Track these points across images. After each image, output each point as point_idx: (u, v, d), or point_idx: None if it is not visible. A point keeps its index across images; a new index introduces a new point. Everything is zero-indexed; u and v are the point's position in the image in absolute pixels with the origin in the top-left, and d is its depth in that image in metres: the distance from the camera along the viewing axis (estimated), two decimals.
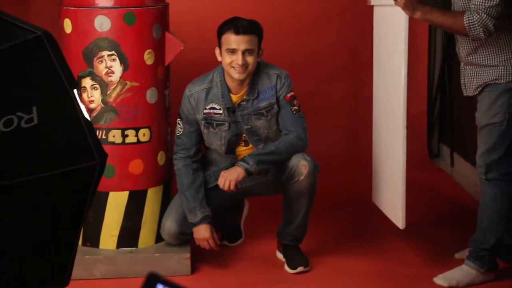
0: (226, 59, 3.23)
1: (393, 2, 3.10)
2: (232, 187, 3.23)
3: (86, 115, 1.71)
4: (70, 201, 1.69)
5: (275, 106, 3.32)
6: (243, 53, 3.20)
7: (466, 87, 3.20)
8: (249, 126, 3.34)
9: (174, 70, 3.66)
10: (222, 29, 3.26)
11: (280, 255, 3.52)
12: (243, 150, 3.42)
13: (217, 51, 3.29)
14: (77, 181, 1.68)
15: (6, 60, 1.57)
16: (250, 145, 3.39)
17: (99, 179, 1.72)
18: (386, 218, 3.56)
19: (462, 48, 3.16)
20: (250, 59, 3.22)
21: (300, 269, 3.39)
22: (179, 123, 3.39)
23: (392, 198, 3.46)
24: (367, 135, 3.88)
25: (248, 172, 3.24)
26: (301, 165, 3.25)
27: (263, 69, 3.34)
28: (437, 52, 5.14)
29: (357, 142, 4.88)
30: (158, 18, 3.36)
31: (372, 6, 3.68)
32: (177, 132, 3.40)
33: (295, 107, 3.34)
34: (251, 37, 3.22)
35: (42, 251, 1.69)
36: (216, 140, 3.36)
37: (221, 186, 3.25)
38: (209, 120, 3.33)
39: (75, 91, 1.69)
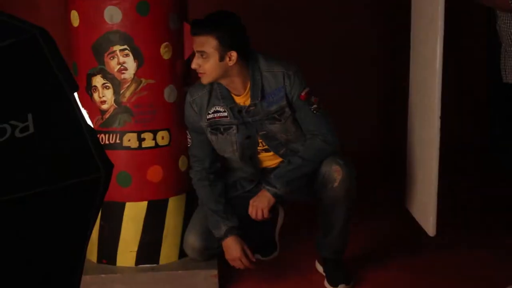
0: None
1: None
2: (265, 215, 3.29)
3: (89, 122, 1.72)
4: (73, 217, 1.70)
5: (287, 109, 3.30)
6: (197, 55, 3.19)
7: (507, 72, 3.16)
8: (265, 132, 3.34)
9: None
10: None
11: (320, 268, 3.53)
12: (266, 156, 3.42)
13: None
14: (80, 195, 1.69)
15: None
16: (272, 152, 3.40)
17: (104, 192, 1.73)
18: (418, 225, 3.59)
19: (504, 25, 3.11)
20: (203, 62, 3.18)
21: (341, 287, 3.40)
22: (187, 133, 3.41)
23: (424, 202, 3.46)
24: (402, 130, 3.88)
25: (277, 197, 3.27)
26: (333, 170, 3.24)
27: (266, 67, 3.29)
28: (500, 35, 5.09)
29: (392, 139, 4.89)
30: (175, 7, 3.38)
31: None
32: (188, 144, 3.42)
33: (314, 105, 3.31)
34: (204, 39, 3.16)
35: (43, 273, 1.71)
36: (227, 147, 3.36)
37: (253, 217, 3.30)
38: (214, 126, 3.33)
39: (75, 95, 1.71)
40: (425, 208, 3.43)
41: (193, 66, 3.21)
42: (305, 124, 3.33)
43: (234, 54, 3.19)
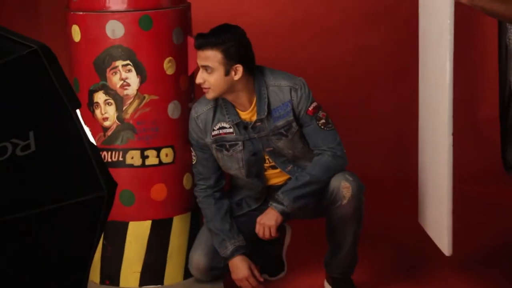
0: None
1: None
2: (273, 234, 3.25)
3: (92, 139, 1.70)
4: (75, 238, 1.69)
5: (294, 124, 3.28)
6: (202, 70, 3.18)
7: None
8: (271, 148, 3.32)
9: None
10: None
11: (328, 287, 3.49)
12: (272, 173, 3.39)
13: None
14: (83, 215, 1.68)
15: None
16: (279, 169, 3.37)
17: (108, 212, 1.72)
18: (433, 243, 3.54)
19: None
20: (209, 77, 3.17)
21: None
22: (192, 151, 3.38)
23: (438, 220, 3.42)
24: (413, 146, 3.86)
25: (285, 214, 3.24)
26: (342, 187, 3.22)
27: (272, 81, 3.27)
28: (510, 49, 5.08)
29: (403, 155, 4.87)
30: (178, 21, 3.36)
31: None
32: (192, 161, 3.40)
33: (322, 120, 3.29)
34: (209, 53, 3.15)
35: None
36: (233, 164, 3.34)
37: (260, 235, 3.26)
38: (220, 143, 3.31)
39: (78, 112, 1.69)
40: (439, 227, 3.39)
41: (198, 81, 3.19)
42: (312, 140, 3.30)
43: (240, 68, 3.17)
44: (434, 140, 3.49)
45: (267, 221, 3.24)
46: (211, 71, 3.16)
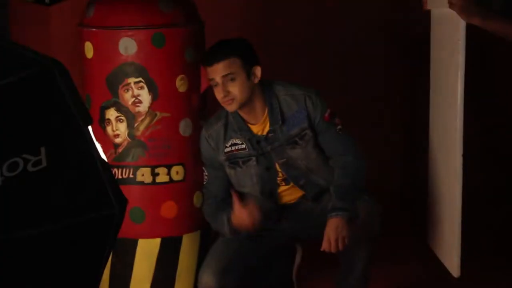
0: (215, 93, 3.23)
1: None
2: (347, 243, 3.14)
3: (103, 156, 1.71)
4: (85, 255, 1.68)
5: (308, 131, 3.28)
6: (224, 81, 3.18)
7: None
8: (285, 159, 3.31)
9: (212, 98, 3.66)
10: (201, 62, 3.28)
11: None
12: (285, 190, 3.39)
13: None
14: (93, 232, 1.67)
15: (9, 95, 1.58)
16: (291, 183, 3.36)
17: (118, 229, 1.72)
18: (441, 264, 3.52)
19: None
20: (233, 86, 3.17)
21: None
22: (204, 170, 3.37)
23: (447, 241, 3.41)
24: (423, 167, 3.86)
25: (352, 219, 3.15)
26: (358, 207, 3.20)
27: (283, 91, 3.30)
28: None
29: (411, 175, 4.88)
30: (191, 39, 3.39)
31: (429, 11, 3.66)
32: (204, 180, 3.39)
33: (339, 126, 3.30)
34: (228, 61, 3.17)
35: None
36: (247, 180, 3.34)
37: (333, 250, 3.15)
38: (233, 160, 3.31)
39: (89, 128, 1.70)
40: (448, 248, 3.39)
41: (221, 94, 3.18)
42: (331, 146, 3.31)
43: (258, 69, 3.23)
44: (444, 161, 3.49)
45: (341, 233, 3.13)
46: (234, 78, 3.18)
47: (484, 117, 5.10)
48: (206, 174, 3.38)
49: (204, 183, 3.40)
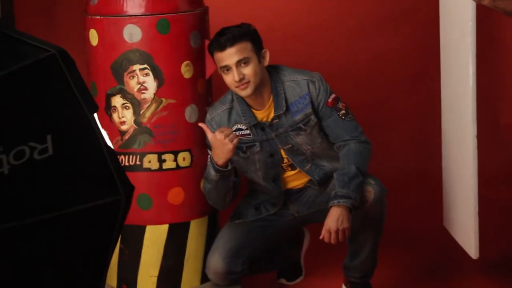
0: (225, 79, 3.22)
1: None
2: (347, 234, 3.13)
3: (109, 143, 1.73)
4: (93, 241, 1.71)
5: (312, 117, 3.29)
6: (238, 66, 3.19)
7: None
8: (290, 145, 3.32)
9: (217, 84, 3.68)
10: (209, 48, 3.27)
11: None
12: (290, 176, 3.40)
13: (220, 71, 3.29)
14: (100, 218, 1.69)
15: (16, 83, 1.60)
16: (298, 169, 3.37)
17: (125, 215, 1.74)
18: (459, 246, 3.51)
19: None
20: (247, 69, 3.18)
21: None
22: (208, 153, 3.32)
23: (464, 223, 3.41)
24: (437, 149, 3.85)
25: (354, 208, 3.12)
26: (365, 191, 3.19)
27: (288, 77, 3.31)
28: None
29: (426, 157, 4.86)
30: (196, 25, 3.39)
31: None
32: (208, 163, 3.35)
33: (343, 111, 3.30)
34: (240, 46, 3.18)
35: None
36: (250, 166, 3.35)
37: (333, 241, 3.12)
38: (237, 145, 3.33)
39: (95, 115, 1.72)
40: (466, 229, 3.37)
41: (238, 77, 3.17)
42: (334, 131, 3.31)
43: (267, 53, 3.26)
44: (458, 143, 3.48)
45: (341, 225, 3.10)
46: (247, 62, 3.19)
47: (495, 100, 5.09)
48: (210, 155, 3.38)
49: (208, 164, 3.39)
